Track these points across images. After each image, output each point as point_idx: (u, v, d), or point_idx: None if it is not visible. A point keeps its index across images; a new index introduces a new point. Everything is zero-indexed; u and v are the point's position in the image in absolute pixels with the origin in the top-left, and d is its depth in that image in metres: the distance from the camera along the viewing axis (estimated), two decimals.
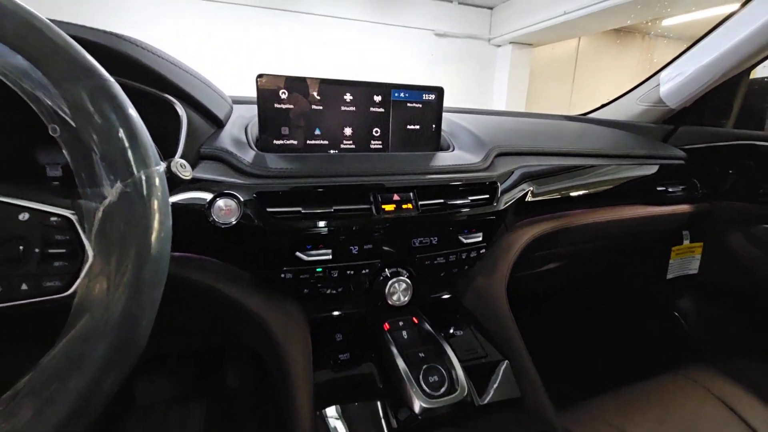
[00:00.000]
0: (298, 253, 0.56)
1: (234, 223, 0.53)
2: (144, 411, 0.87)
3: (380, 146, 0.77)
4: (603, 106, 1.20)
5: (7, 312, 0.28)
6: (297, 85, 0.67)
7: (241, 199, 0.53)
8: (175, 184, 0.41)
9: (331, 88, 0.70)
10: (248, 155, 0.59)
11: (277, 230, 0.54)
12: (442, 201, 0.65)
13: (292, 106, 0.68)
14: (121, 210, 0.27)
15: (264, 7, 4.88)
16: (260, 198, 0.54)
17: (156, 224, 0.29)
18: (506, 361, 0.63)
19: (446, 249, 0.66)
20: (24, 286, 0.28)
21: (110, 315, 0.26)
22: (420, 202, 0.63)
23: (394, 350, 0.57)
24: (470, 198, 0.67)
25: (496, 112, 1.12)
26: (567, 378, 1.06)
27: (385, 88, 0.74)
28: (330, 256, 0.57)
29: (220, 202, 0.52)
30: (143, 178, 0.28)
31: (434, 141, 0.81)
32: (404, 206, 0.61)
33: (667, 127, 1.03)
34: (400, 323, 0.63)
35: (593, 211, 0.86)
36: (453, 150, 0.81)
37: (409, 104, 0.77)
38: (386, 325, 0.63)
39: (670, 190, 0.94)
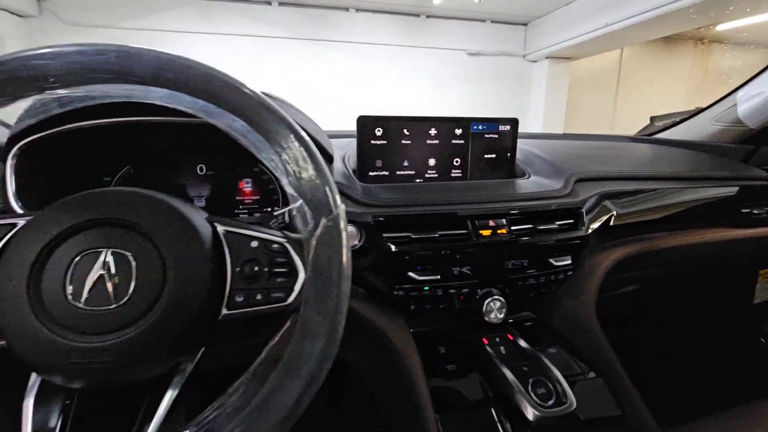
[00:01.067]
0: (410, 273, 0.63)
1: (357, 246, 0.61)
2: None
3: (460, 174, 0.82)
4: (672, 125, 1.19)
5: (246, 316, 0.36)
6: (390, 123, 0.74)
7: (361, 226, 0.62)
8: None
9: (418, 124, 0.76)
10: (356, 186, 0.68)
11: (392, 253, 0.62)
12: (531, 226, 0.69)
13: (385, 142, 0.74)
14: (326, 240, 0.34)
15: (302, 39, 5.18)
16: (377, 224, 0.62)
17: (345, 249, 0.35)
18: (601, 379, 0.65)
19: (536, 270, 0.70)
20: (258, 296, 0.36)
21: (323, 321, 0.33)
22: (512, 227, 0.67)
23: (500, 363, 0.61)
24: (557, 223, 0.71)
25: (556, 136, 1.15)
26: (660, 399, 1.03)
27: (465, 122, 0.79)
28: (438, 276, 0.64)
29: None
30: (338, 214, 0.35)
31: (509, 168, 0.85)
32: (499, 231, 0.66)
33: (746, 147, 1.01)
34: (497, 339, 0.68)
35: (676, 233, 0.85)
36: (529, 177, 0.84)
37: (486, 135, 0.82)
38: (485, 340, 0.67)
39: (755, 212, 0.91)
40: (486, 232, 0.65)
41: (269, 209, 0.72)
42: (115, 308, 0.32)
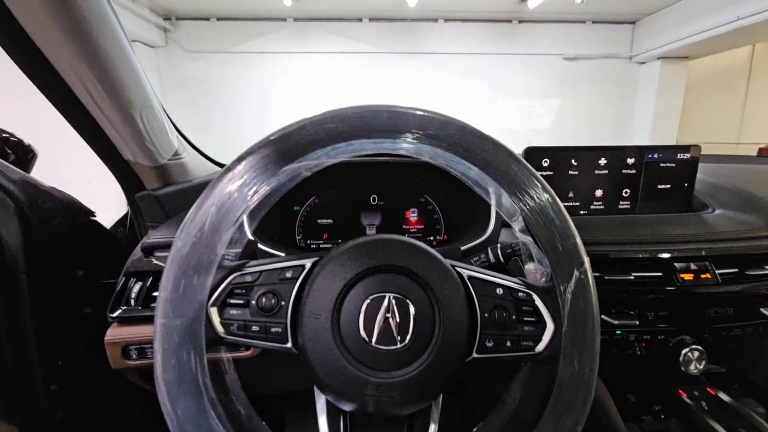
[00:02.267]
0: (603, 316, 0.60)
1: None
2: None
3: (628, 206, 0.75)
4: None
5: (500, 360, 0.38)
6: (558, 153, 0.71)
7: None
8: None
9: (588, 154, 0.72)
10: None
11: None
12: (737, 270, 0.61)
13: (551, 173, 0.72)
14: (580, 292, 0.34)
15: (392, 53, 5.33)
16: None
17: (596, 302, 0.35)
18: None
19: (744, 321, 0.62)
20: (508, 343, 0.37)
21: (580, 372, 0.33)
22: (718, 271, 0.60)
23: (706, 417, 0.57)
24: None
25: (737, 159, 1.00)
26: None
27: (638, 151, 0.73)
28: (637, 321, 0.59)
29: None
30: (587, 264, 0.35)
31: (686, 200, 0.76)
32: (702, 276, 0.59)
33: None
34: (696, 392, 0.62)
35: None
36: (714, 210, 0.74)
37: (662, 164, 0.74)
38: (682, 392, 0.62)
39: None
40: (687, 276, 0.59)
41: (431, 238, 0.74)
42: (399, 348, 0.35)
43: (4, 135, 0.67)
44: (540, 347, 0.37)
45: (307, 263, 0.39)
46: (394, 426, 0.41)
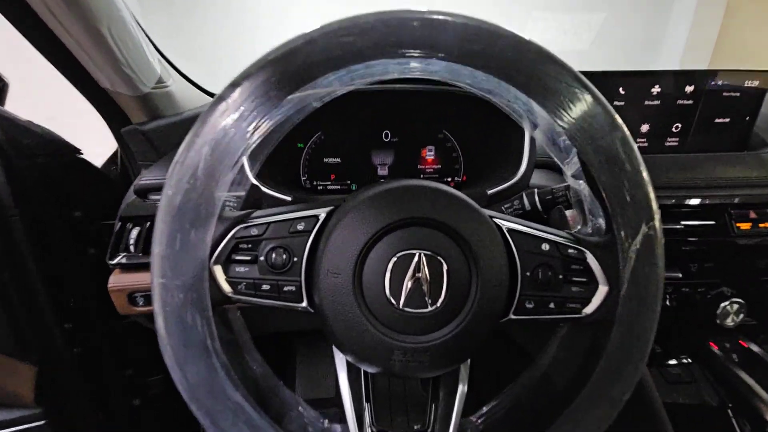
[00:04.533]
0: None
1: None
2: None
3: (676, 144, 0.66)
4: None
5: (538, 321, 0.34)
6: (604, 80, 0.61)
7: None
8: None
9: (640, 80, 0.62)
10: None
11: None
12: None
13: None
14: (647, 250, 0.29)
15: None
16: None
17: (662, 263, 0.29)
18: None
19: None
20: (551, 305, 0.33)
21: (636, 343, 0.29)
22: None
23: (736, 369, 0.55)
24: None
25: None
26: None
27: (700, 77, 0.62)
28: (680, 274, 0.55)
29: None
30: (658, 219, 0.29)
31: (743, 136, 0.67)
32: (762, 225, 0.53)
33: None
34: (727, 344, 0.60)
35: None
36: None
37: (725, 93, 0.64)
38: (713, 344, 0.59)
39: None
40: (744, 225, 0.53)
41: (449, 179, 0.67)
42: (430, 312, 0.31)
43: None
44: (588, 310, 0.33)
45: (321, 213, 0.34)
46: (419, 384, 0.39)
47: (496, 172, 0.58)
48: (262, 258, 0.33)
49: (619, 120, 0.29)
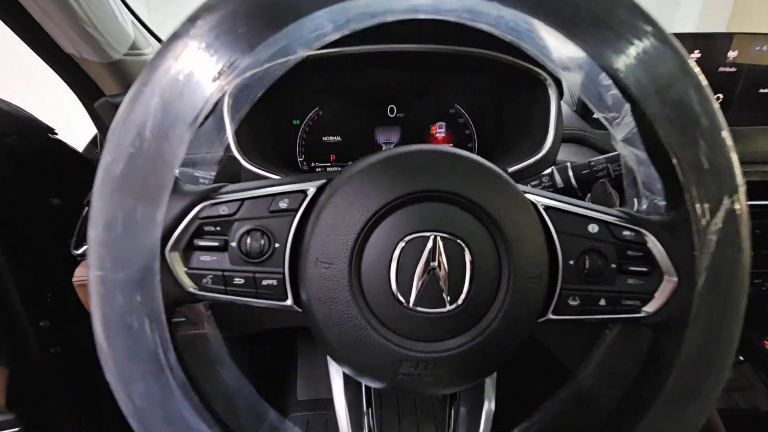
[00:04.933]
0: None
1: None
2: None
3: None
4: None
5: (585, 323, 0.27)
6: None
7: None
8: None
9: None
10: None
11: None
12: None
13: None
14: (728, 230, 0.23)
15: None
16: None
17: (748, 244, 0.23)
18: None
19: None
20: (602, 302, 0.27)
21: (718, 350, 0.24)
22: None
23: None
24: None
25: None
26: None
27: (746, 41, 0.55)
28: None
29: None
30: (742, 192, 0.23)
31: None
32: None
33: None
34: None
35: None
36: None
37: None
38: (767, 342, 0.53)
39: None
40: None
41: None
42: (449, 312, 0.25)
43: None
44: (650, 308, 0.26)
45: (310, 188, 0.27)
46: (433, 403, 0.32)
47: (517, 148, 0.52)
48: (233, 244, 0.26)
49: (693, 64, 0.23)
